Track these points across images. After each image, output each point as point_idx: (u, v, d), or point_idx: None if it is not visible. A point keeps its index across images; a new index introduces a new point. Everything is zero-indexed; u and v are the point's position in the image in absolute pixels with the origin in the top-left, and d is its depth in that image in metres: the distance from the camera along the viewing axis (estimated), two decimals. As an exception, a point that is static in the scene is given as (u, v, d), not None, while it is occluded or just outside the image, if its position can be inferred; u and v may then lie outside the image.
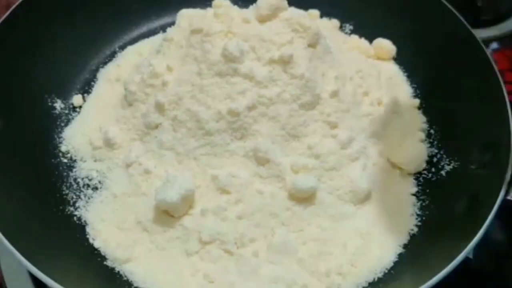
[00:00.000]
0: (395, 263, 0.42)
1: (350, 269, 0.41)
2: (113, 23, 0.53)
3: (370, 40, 0.56)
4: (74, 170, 0.47)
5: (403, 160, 0.46)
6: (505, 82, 0.45)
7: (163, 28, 0.55)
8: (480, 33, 0.55)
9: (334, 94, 0.46)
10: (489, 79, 0.46)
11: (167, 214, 0.43)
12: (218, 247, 0.41)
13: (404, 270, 0.41)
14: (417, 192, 0.46)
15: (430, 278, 0.35)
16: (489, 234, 0.38)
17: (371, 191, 0.45)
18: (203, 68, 0.44)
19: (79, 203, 0.45)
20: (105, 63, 0.53)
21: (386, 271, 0.41)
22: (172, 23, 0.50)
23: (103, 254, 0.42)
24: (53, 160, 0.47)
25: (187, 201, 0.42)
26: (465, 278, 0.39)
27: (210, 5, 0.48)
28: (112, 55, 0.53)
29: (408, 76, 0.54)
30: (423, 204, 0.45)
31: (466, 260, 0.35)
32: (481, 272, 0.43)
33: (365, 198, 0.44)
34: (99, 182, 0.46)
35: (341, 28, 0.58)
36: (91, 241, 0.43)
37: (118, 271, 0.41)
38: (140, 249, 0.42)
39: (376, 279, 0.41)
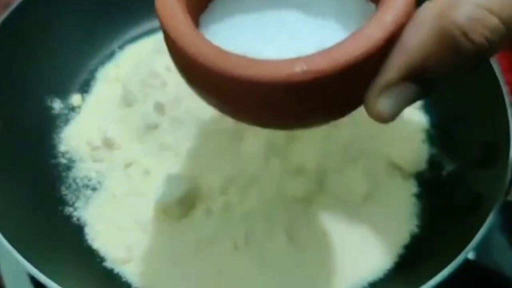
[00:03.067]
0: (396, 263, 0.42)
1: (350, 270, 0.41)
2: (112, 23, 0.53)
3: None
4: (73, 170, 0.47)
5: (403, 160, 0.46)
6: (505, 82, 0.45)
7: (163, 28, 0.55)
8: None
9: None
10: (490, 79, 0.45)
11: (167, 214, 0.43)
12: (219, 248, 0.41)
13: (404, 270, 0.41)
14: (418, 192, 0.45)
15: (431, 278, 0.35)
16: (489, 235, 0.38)
17: (371, 192, 0.44)
18: (203, 68, 0.44)
19: (78, 204, 0.45)
20: (104, 63, 0.53)
21: (387, 271, 0.41)
22: (172, 23, 0.50)
23: (102, 255, 0.42)
24: (52, 161, 0.47)
25: (187, 201, 0.42)
26: (466, 279, 0.39)
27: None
28: (111, 55, 0.53)
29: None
30: (424, 204, 0.45)
31: (466, 260, 0.35)
32: (482, 273, 0.43)
33: (365, 198, 0.44)
34: (98, 182, 0.46)
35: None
36: (90, 241, 0.43)
37: (118, 272, 0.41)
38: (140, 250, 0.42)
39: (376, 279, 0.41)
